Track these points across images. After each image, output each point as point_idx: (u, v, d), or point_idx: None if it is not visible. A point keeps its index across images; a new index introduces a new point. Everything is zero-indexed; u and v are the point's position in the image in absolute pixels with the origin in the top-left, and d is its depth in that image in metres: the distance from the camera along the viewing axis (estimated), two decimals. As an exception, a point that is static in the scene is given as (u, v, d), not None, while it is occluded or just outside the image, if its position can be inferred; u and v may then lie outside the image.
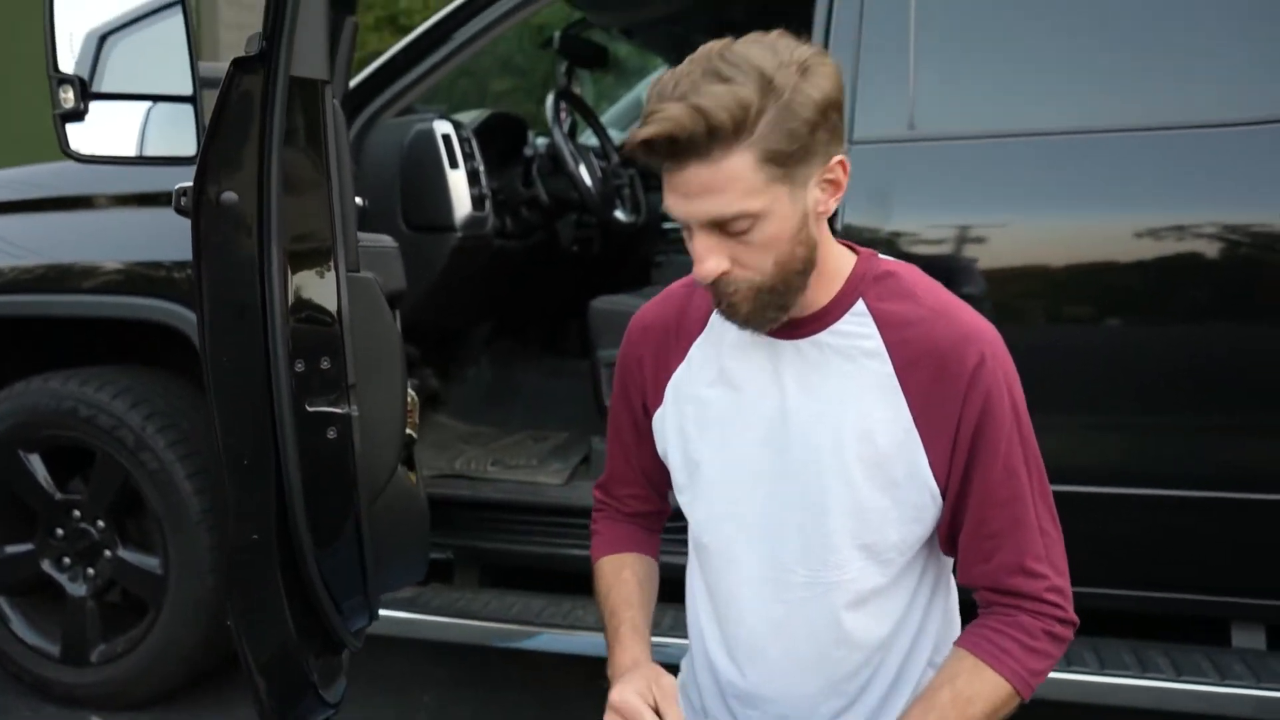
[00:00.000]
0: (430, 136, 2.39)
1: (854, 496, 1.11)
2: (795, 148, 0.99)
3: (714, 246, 1.02)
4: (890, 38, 1.90)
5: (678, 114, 0.97)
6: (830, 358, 1.12)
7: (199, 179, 1.32)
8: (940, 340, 1.09)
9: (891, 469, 1.11)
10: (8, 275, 2.32)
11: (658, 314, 1.26)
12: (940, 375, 1.09)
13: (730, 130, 0.97)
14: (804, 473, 1.13)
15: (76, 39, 1.70)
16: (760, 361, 1.15)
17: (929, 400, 1.10)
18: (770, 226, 1.02)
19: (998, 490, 1.10)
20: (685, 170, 0.99)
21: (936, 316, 1.11)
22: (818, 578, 1.14)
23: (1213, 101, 1.78)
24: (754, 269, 1.03)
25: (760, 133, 0.97)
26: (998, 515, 1.11)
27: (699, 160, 0.98)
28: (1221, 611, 1.95)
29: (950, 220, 1.89)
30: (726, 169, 0.98)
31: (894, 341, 1.11)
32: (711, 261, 1.02)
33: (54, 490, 2.27)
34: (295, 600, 1.41)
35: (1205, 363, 1.80)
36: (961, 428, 1.09)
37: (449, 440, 2.74)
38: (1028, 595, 1.12)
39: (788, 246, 1.03)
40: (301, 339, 1.35)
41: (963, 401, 1.08)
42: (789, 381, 1.14)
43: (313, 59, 1.32)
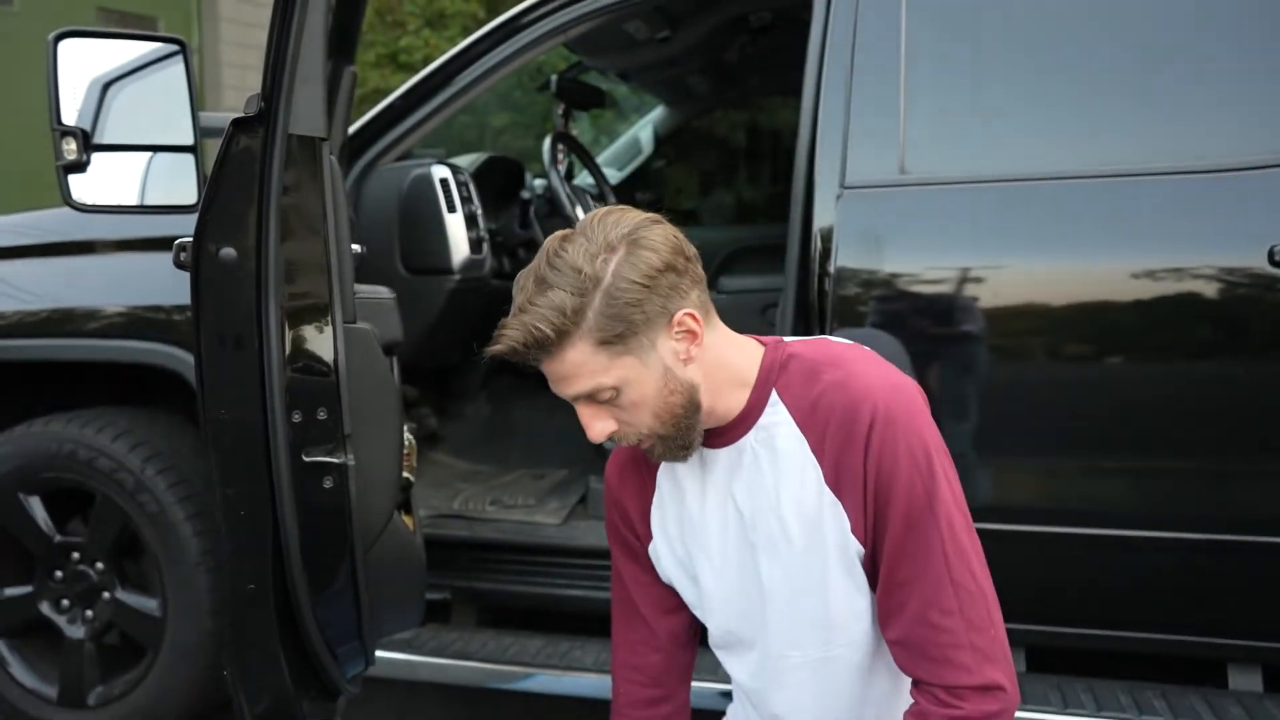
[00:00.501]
0: (428, 181, 2.42)
1: (814, 580, 1.18)
2: (622, 328, 1.10)
3: (595, 413, 1.14)
4: (881, 84, 1.93)
5: (512, 335, 1.11)
6: (760, 454, 1.20)
7: (199, 236, 1.34)
8: (838, 409, 1.16)
9: (831, 548, 1.17)
10: (11, 319, 2.34)
11: (626, 456, 1.34)
12: (844, 442, 1.15)
13: (555, 337, 1.09)
14: (770, 565, 1.20)
15: (80, 92, 1.73)
16: (712, 473, 1.25)
17: (840, 468, 1.16)
18: (632, 392, 1.13)
19: (902, 541, 1.14)
20: (543, 365, 1.13)
21: (834, 388, 1.17)
22: (809, 656, 1.22)
23: (1207, 146, 1.80)
24: (637, 425, 1.15)
25: (586, 326, 1.09)
26: (902, 566, 1.15)
27: (547, 359, 1.12)
28: (1218, 653, 1.95)
29: (941, 263, 1.91)
30: (569, 360, 1.11)
31: (804, 423, 1.18)
32: (597, 426, 1.15)
33: (53, 532, 2.27)
34: (291, 648, 1.42)
35: (1201, 405, 1.81)
36: (867, 485, 1.15)
37: (447, 479, 2.75)
38: (930, 654, 1.13)
39: (659, 401, 1.14)
40: (299, 390, 1.37)
41: (863, 460, 1.14)
42: (736, 485, 1.22)
43: (311, 117, 1.35)
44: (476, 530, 2.42)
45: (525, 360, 1.12)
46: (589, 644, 2.21)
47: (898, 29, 1.93)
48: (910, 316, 1.91)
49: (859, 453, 1.14)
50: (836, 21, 1.98)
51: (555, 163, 2.87)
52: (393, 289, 1.91)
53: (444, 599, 2.35)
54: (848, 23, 1.97)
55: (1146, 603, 1.92)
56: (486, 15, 8.55)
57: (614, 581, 1.39)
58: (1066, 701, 1.88)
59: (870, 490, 1.14)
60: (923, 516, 1.13)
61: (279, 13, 1.30)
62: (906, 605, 1.14)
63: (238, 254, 1.33)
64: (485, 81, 2.33)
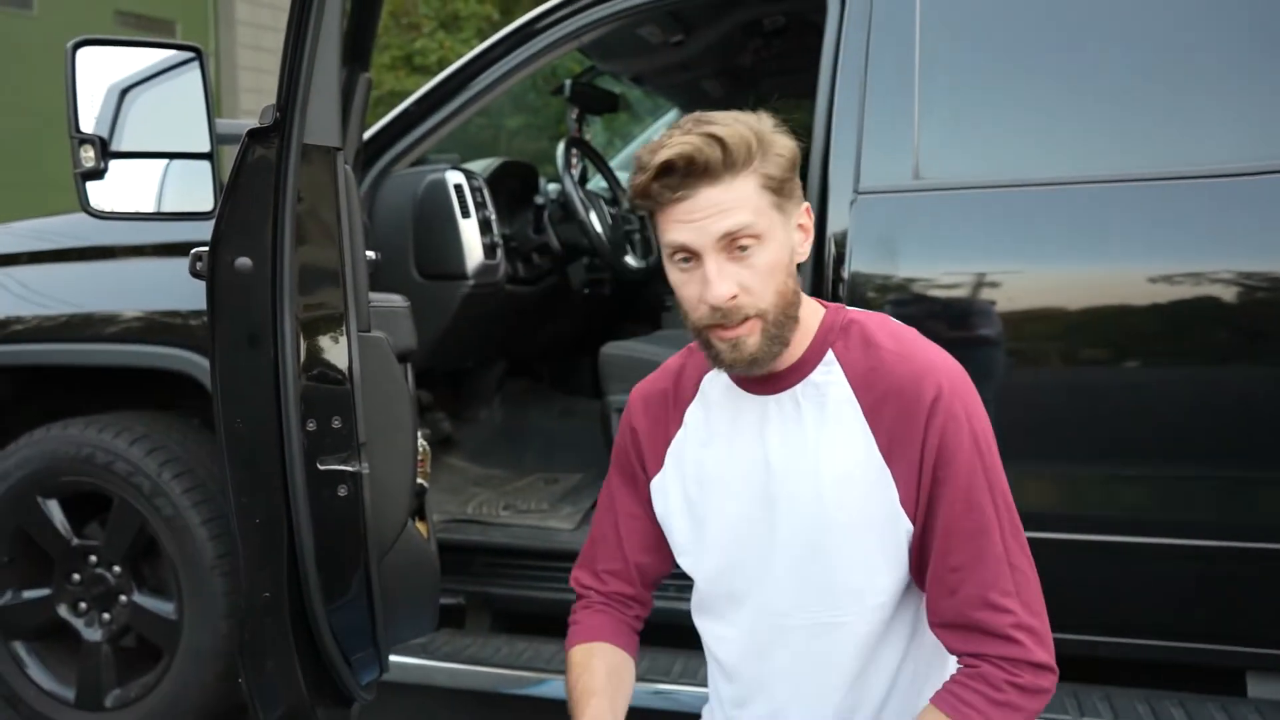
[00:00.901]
0: (443, 187, 2.43)
1: (839, 542, 1.16)
2: (785, 178, 1.12)
3: (724, 270, 1.10)
4: (895, 88, 1.92)
5: (695, 140, 1.07)
6: (805, 409, 1.18)
7: (214, 245, 1.35)
8: (900, 378, 1.15)
9: (869, 511, 1.15)
10: (31, 324, 2.36)
11: (656, 385, 1.33)
12: (902, 412, 1.14)
13: (740, 156, 1.07)
14: (791, 522, 1.18)
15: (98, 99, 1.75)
16: (745, 419, 1.23)
17: (895, 438, 1.15)
18: (771, 250, 1.11)
19: (961, 521, 1.13)
20: (696, 195, 1.08)
21: (897, 358, 1.17)
22: (814, 620, 1.19)
23: (1221, 151, 1.79)
24: (758, 295, 1.11)
25: (758, 162, 1.09)
26: (962, 547, 1.13)
27: (710, 183, 1.08)
28: (1237, 661, 1.94)
29: (956, 268, 1.91)
30: (736, 190, 1.09)
31: (860, 386, 1.17)
32: (724, 285, 1.10)
33: (71, 536, 2.29)
34: (306, 656, 1.42)
35: (1219, 411, 1.79)
36: (924, 459, 1.14)
37: (461, 484, 2.75)
38: (992, 632, 1.12)
39: (784, 277, 1.12)
40: (314, 399, 1.38)
41: (924, 433, 1.13)
42: (770, 436, 1.20)
43: (326, 127, 1.36)
44: (490, 535, 2.43)
45: (680, 185, 1.08)
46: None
47: (912, 33, 1.92)
48: (924, 321, 1.89)
49: (919, 425, 1.13)
50: (851, 25, 1.97)
51: (569, 167, 2.87)
52: (407, 294, 1.92)
53: (458, 604, 2.35)
54: (862, 26, 1.96)
55: (1165, 610, 1.91)
56: (501, 17, 8.57)
57: (601, 506, 1.36)
58: (1083, 709, 1.87)
59: (928, 464, 1.13)
60: (982, 497, 1.13)
61: (294, 23, 1.31)
62: (962, 587, 1.13)
63: (253, 263, 1.34)
64: (500, 87, 2.33)
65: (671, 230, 1.11)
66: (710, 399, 1.26)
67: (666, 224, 1.12)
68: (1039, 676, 1.12)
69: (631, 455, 1.32)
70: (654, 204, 1.12)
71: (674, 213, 1.10)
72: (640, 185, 1.11)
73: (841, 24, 1.98)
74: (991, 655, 1.12)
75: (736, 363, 1.14)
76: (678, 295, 1.16)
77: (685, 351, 1.34)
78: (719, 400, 1.25)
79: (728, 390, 1.25)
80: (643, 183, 1.11)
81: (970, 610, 1.13)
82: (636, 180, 1.12)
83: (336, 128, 1.39)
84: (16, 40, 6.12)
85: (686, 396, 1.29)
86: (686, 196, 1.09)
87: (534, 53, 2.31)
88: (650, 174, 1.09)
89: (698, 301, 1.12)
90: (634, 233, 3.22)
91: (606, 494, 1.36)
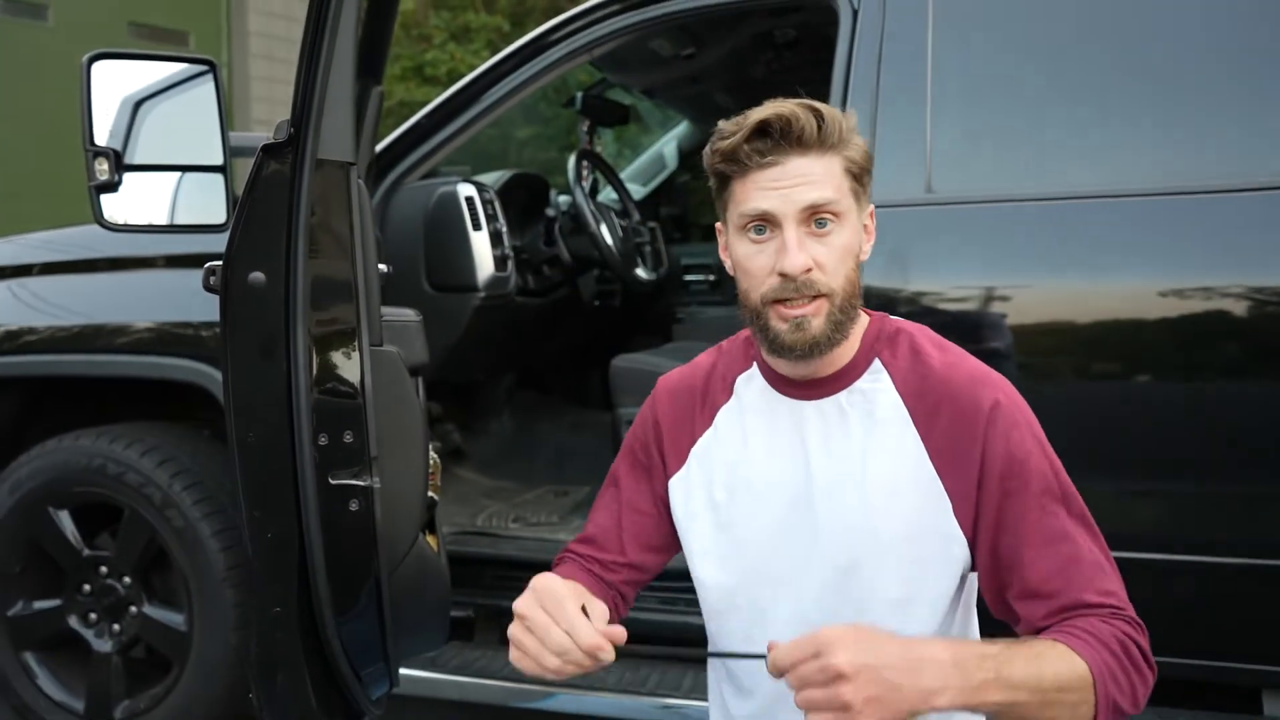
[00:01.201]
0: (454, 199, 2.43)
1: (883, 552, 1.13)
2: (864, 169, 1.12)
3: (803, 242, 1.08)
4: (907, 101, 1.92)
5: (793, 107, 1.07)
6: (851, 417, 1.15)
7: (229, 260, 1.36)
8: (954, 390, 1.13)
9: (920, 523, 1.12)
10: (43, 334, 2.37)
11: (685, 379, 1.29)
12: (957, 424, 1.12)
13: (834, 133, 1.09)
14: (832, 531, 1.15)
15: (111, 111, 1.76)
16: (783, 424, 1.19)
17: (948, 451, 1.12)
18: (847, 233, 1.10)
19: (1043, 529, 1.09)
20: (786, 162, 1.08)
21: (948, 369, 1.15)
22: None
23: (1239, 166, 1.78)
24: (831, 274, 1.09)
25: (845, 146, 1.09)
26: (1049, 555, 1.09)
27: (800, 153, 1.07)
28: (1253, 680, 1.92)
29: (967, 282, 1.90)
30: (824, 164, 1.08)
31: (910, 396, 1.14)
32: (801, 256, 1.08)
33: (82, 546, 2.30)
34: (317, 671, 1.42)
35: (1232, 426, 1.78)
36: (986, 470, 1.11)
37: (471, 495, 2.75)
38: (1097, 607, 1.08)
39: (853, 264, 1.11)
40: (326, 413, 1.38)
41: (983, 446, 1.10)
42: (812, 442, 1.17)
43: (339, 142, 1.36)
44: (500, 548, 2.42)
45: (772, 149, 1.07)
46: (612, 664, 2.20)
47: (924, 46, 1.92)
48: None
49: (977, 435, 1.10)
50: (863, 39, 1.97)
51: (580, 180, 2.88)
52: (417, 306, 1.92)
53: (467, 616, 2.35)
54: (874, 40, 1.96)
55: (1179, 628, 1.89)
56: (512, 29, 8.60)
57: (605, 497, 1.30)
58: (1096, 728, 1.85)
59: (992, 475, 1.10)
60: (1057, 504, 1.10)
61: (309, 40, 1.32)
62: (1060, 593, 1.07)
63: (267, 278, 1.34)
64: (511, 100, 2.34)
65: (753, 197, 1.09)
66: (745, 401, 1.23)
67: (746, 191, 1.09)
68: (1142, 637, 1.06)
69: (652, 448, 1.28)
70: (737, 168, 1.10)
71: (758, 179, 1.08)
72: (728, 146, 1.09)
73: (853, 37, 1.99)
74: (1098, 615, 1.08)
75: (797, 344, 1.10)
76: (742, 268, 1.12)
77: (715, 350, 1.30)
78: (754, 403, 1.22)
79: (764, 393, 1.21)
80: (732, 144, 1.09)
81: (1071, 609, 1.08)
82: (721, 143, 1.10)
83: (350, 143, 1.40)
84: (32, 50, 6.16)
85: (718, 396, 1.25)
86: (775, 163, 1.07)
87: (546, 66, 2.32)
88: (743, 133, 1.08)
89: (767, 273, 1.09)
90: (645, 245, 3.22)
91: (611, 485, 1.31)
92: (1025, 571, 1.10)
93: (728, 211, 1.15)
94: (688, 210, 4.07)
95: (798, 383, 1.18)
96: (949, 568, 1.14)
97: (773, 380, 1.21)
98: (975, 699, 0.96)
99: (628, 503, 1.28)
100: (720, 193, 1.16)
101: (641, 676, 2.17)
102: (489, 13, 8.82)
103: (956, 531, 1.12)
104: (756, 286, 1.11)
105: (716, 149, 1.12)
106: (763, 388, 1.22)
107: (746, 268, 1.12)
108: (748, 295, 1.13)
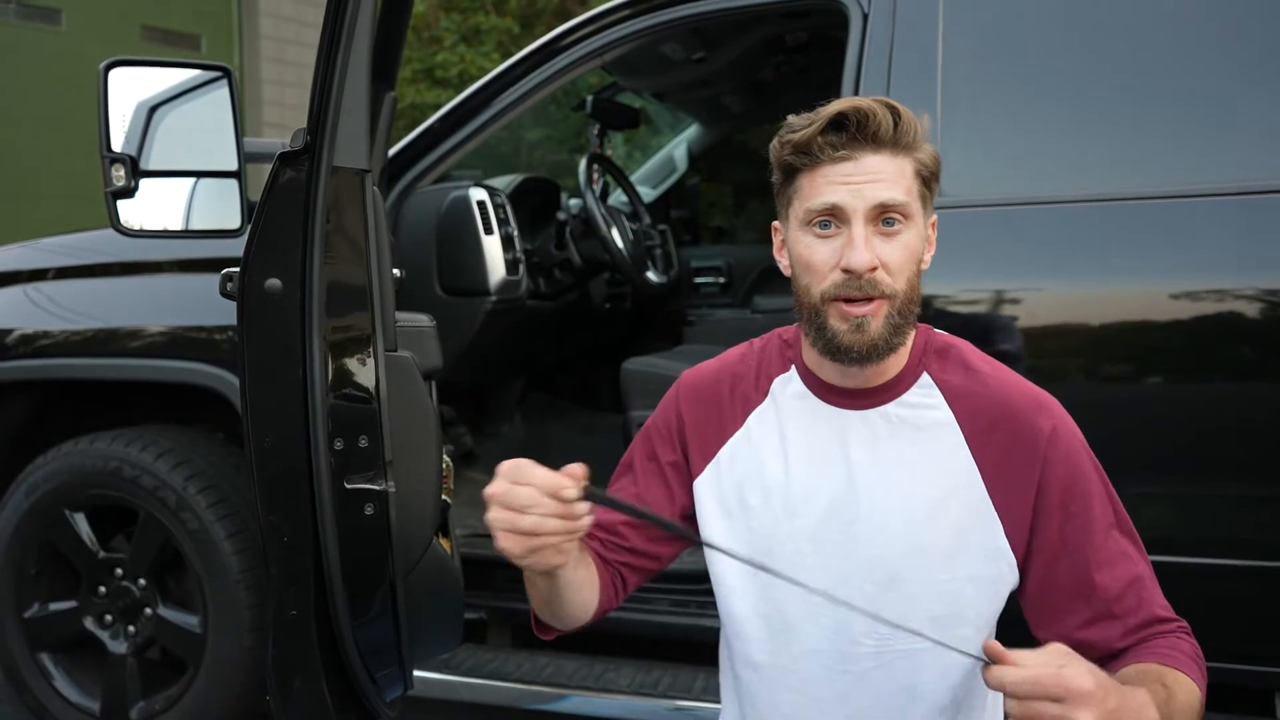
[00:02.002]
0: (466, 203, 2.44)
1: (928, 568, 1.11)
2: (933, 175, 1.09)
3: (870, 241, 1.06)
4: (917, 105, 1.91)
5: (872, 103, 1.05)
6: (900, 429, 1.13)
7: (245, 266, 1.37)
8: (1013, 410, 1.11)
9: (966, 540, 1.11)
10: (58, 338, 2.39)
11: (713, 377, 1.24)
12: (1013, 444, 1.10)
13: (909, 134, 1.06)
14: (874, 543, 1.12)
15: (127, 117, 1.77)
16: (825, 432, 1.16)
17: (1002, 470, 1.10)
18: (914, 235, 1.07)
19: (1107, 552, 1.09)
20: (859, 158, 1.05)
21: (1003, 387, 1.13)
22: (887, 647, 1.13)
23: (1249, 168, 1.78)
24: (895, 275, 1.07)
25: (920, 151, 1.08)
26: (1119, 576, 1.09)
27: (874, 150, 1.05)
28: (1266, 682, 1.92)
29: (976, 285, 1.90)
30: (896, 164, 1.06)
31: (963, 412, 1.12)
32: (866, 254, 1.05)
33: (97, 548, 2.31)
34: (332, 674, 1.43)
35: (1247, 427, 1.78)
36: (1043, 495, 1.09)
37: (483, 498, 2.76)
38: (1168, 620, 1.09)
39: (916, 268, 1.09)
40: (341, 418, 1.39)
41: (1041, 468, 1.09)
42: (856, 453, 1.14)
43: (354, 150, 1.37)
44: (512, 550, 2.42)
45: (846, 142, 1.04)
46: (623, 666, 2.21)
47: (935, 49, 1.93)
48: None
49: (1037, 457, 1.09)
50: (873, 41, 1.98)
51: (591, 183, 2.89)
52: (429, 310, 1.93)
53: (480, 618, 2.36)
54: (884, 43, 1.97)
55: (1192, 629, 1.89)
56: (521, 31, 8.61)
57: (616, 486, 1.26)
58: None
59: (1052, 498, 1.09)
60: (1113, 528, 1.10)
61: (325, 49, 1.33)
62: (1130, 613, 1.08)
63: (283, 285, 1.35)
64: (522, 105, 2.35)
65: (822, 191, 1.06)
66: (782, 405, 1.18)
67: (816, 184, 1.07)
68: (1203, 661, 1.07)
69: (676, 442, 1.23)
70: (808, 160, 1.07)
71: (830, 173, 1.06)
72: (802, 138, 1.06)
73: (864, 40, 1.99)
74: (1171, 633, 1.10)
75: (855, 345, 1.07)
76: (803, 263, 1.09)
77: (746, 347, 1.26)
78: (792, 408, 1.18)
79: (803, 399, 1.17)
80: (806, 135, 1.06)
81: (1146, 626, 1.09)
82: (793, 135, 1.07)
83: (365, 150, 1.41)
84: (45, 54, 6.20)
85: (752, 397, 1.21)
86: (849, 157, 1.04)
87: (556, 70, 2.32)
88: (819, 125, 1.05)
89: (830, 268, 1.06)
90: (655, 248, 3.23)
91: (625, 473, 1.27)
92: (1096, 594, 1.09)
93: (791, 206, 1.12)
94: (698, 213, 4.08)
95: (843, 391, 1.15)
96: (994, 587, 1.12)
97: (815, 387, 1.17)
98: None
99: (639, 494, 1.24)
100: (784, 187, 1.13)
101: (654, 679, 2.17)
102: (499, 15, 8.84)
103: (1007, 551, 1.11)
104: (818, 282, 1.08)
105: (787, 140, 1.09)
106: (802, 393, 1.18)
107: (809, 261, 1.09)
108: (808, 291, 1.10)
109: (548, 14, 8.57)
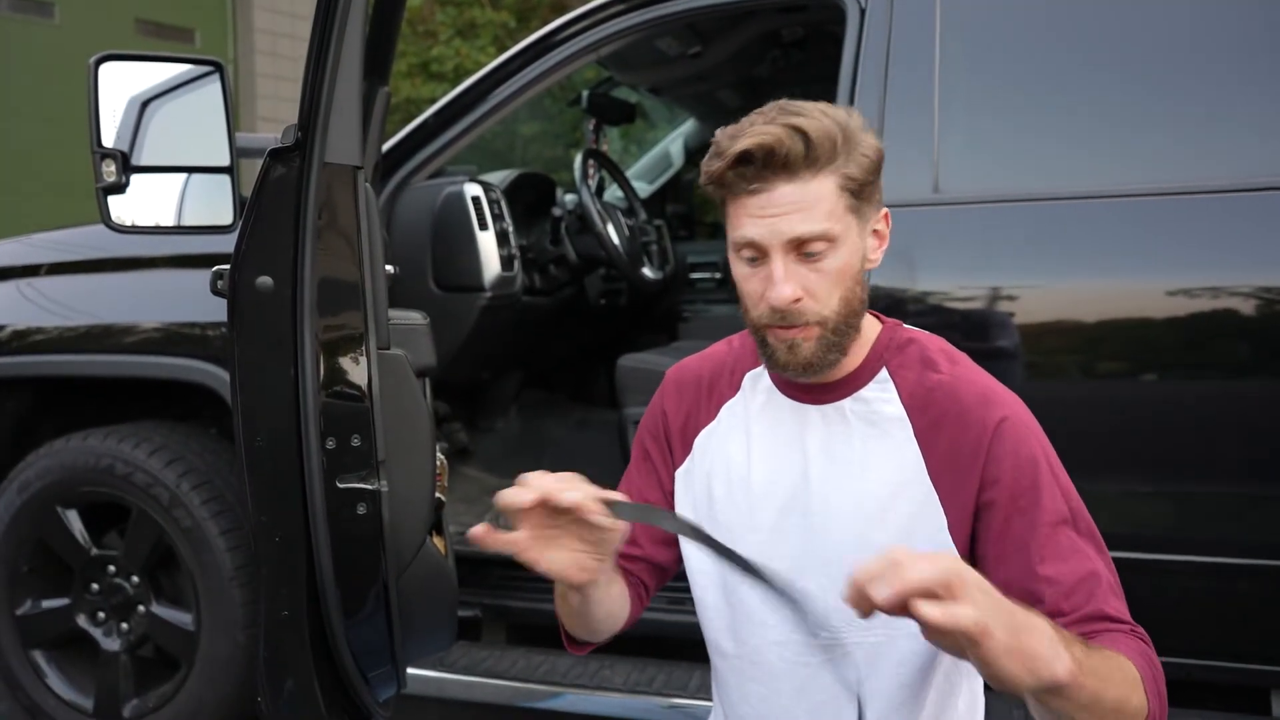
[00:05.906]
0: (460, 199, 2.43)
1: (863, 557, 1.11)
2: (867, 180, 1.06)
3: (791, 272, 1.05)
4: (915, 101, 1.91)
5: (777, 131, 1.02)
6: (853, 424, 1.15)
7: (236, 264, 1.36)
8: (961, 405, 1.11)
9: (912, 535, 1.11)
10: (51, 334, 2.38)
11: (696, 369, 1.28)
12: (960, 439, 1.10)
13: (823, 152, 1.03)
14: (825, 536, 1.14)
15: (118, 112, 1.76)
16: (786, 426, 1.18)
17: (948, 466, 1.10)
18: (842, 256, 1.06)
19: (1055, 547, 1.07)
20: (773, 189, 1.04)
21: (956, 382, 1.13)
22: (841, 639, 1.14)
23: (1247, 165, 1.78)
24: (823, 301, 1.06)
25: (840, 161, 1.04)
26: (1067, 571, 1.06)
27: (788, 179, 1.03)
28: (1262, 680, 1.92)
29: (975, 282, 1.90)
30: (814, 189, 1.03)
31: (914, 407, 1.13)
32: (789, 287, 1.05)
33: (90, 546, 2.30)
34: (324, 674, 1.42)
35: (1239, 425, 1.78)
36: (988, 490, 1.09)
37: (477, 494, 2.75)
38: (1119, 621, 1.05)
39: (852, 284, 1.08)
40: (333, 416, 1.38)
41: (984, 463, 1.09)
42: (812, 446, 1.16)
43: (346, 146, 1.36)
44: (507, 547, 2.42)
45: (756, 176, 1.03)
46: (618, 664, 2.21)
47: (932, 45, 1.92)
48: (942, 335, 1.89)
49: (980, 452, 1.09)
50: (870, 37, 1.97)
51: (586, 179, 2.88)
52: (424, 306, 1.92)
53: (474, 616, 2.35)
54: (881, 39, 1.96)
55: (1187, 629, 1.89)
56: (517, 25, 8.58)
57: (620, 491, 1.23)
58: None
59: (994, 495, 1.08)
60: (1067, 526, 1.07)
61: (317, 43, 1.32)
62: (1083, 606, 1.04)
63: (274, 282, 1.34)
64: (517, 99, 2.33)
65: (742, 224, 1.06)
66: (751, 398, 1.22)
67: (737, 216, 1.07)
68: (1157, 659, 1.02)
69: (661, 439, 1.27)
70: (726, 192, 1.08)
71: (747, 205, 1.05)
72: (715, 172, 1.06)
73: (861, 35, 1.98)
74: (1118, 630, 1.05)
75: (790, 365, 1.10)
76: (740, 289, 1.12)
77: (727, 343, 1.29)
78: (760, 401, 1.21)
79: (770, 393, 1.20)
80: (718, 170, 1.06)
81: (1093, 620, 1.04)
82: (711, 166, 1.07)
83: (358, 147, 1.40)
84: (39, 48, 6.17)
85: (724, 390, 1.24)
86: (761, 190, 1.04)
87: (552, 65, 2.31)
88: (726, 162, 1.04)
89: (759, 299, 1.08)
90: (651, 244, 3.22)
91: (626, 479, 1.30)
92: (1042, 589, 1.07)
93: (727, 226, 1.13)
94: (694, 208, 4.07)
95: (804, 386, 1.17)
96: None
97: (779, 382, 1.20)
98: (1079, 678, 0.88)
99: (638, 496, 1.27)
100: (720, 208, 1.14)
101: (648, 676, 2.17)
102: (495, 9, 8.81)
103: (950, 547, 1.10)
104: (752, 307, 1.11)
105: (705, 171, 1.10)
106: (769, 387, 1.21)
107: (742, 289, 1.11)
108: (746, 314, 1.13)
109: (543, 8, 8.53)
